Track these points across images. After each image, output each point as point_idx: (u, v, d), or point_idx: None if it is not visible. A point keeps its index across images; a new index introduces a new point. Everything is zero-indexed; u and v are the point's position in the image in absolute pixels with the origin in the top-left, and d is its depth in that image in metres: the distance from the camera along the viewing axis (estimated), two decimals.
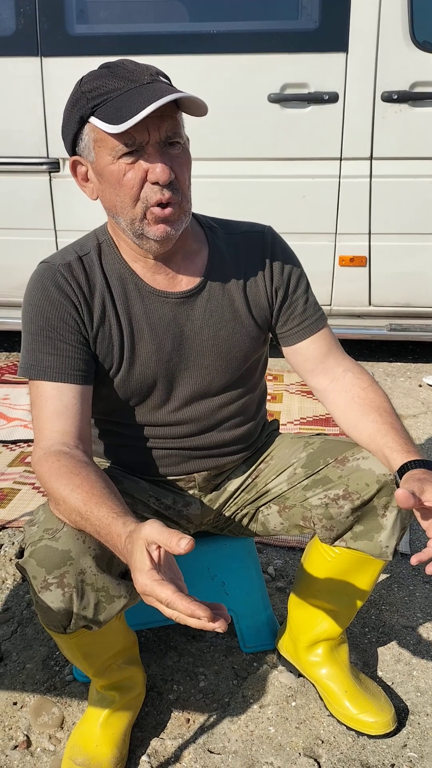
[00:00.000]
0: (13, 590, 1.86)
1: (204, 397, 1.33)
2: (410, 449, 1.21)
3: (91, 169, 1.19)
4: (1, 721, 1.48)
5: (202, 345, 1.29)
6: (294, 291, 1.34)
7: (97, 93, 1.11)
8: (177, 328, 1.28)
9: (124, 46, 2.99)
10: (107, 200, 1.19)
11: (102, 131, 1.11)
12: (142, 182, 1.14)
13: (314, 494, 1.34)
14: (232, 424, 1.38)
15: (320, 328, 1.35)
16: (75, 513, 1.07)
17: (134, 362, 1.27)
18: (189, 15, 3.06)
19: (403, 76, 2.92)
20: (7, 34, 3.05)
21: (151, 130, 1.11)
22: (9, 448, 2.68)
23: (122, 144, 1.11)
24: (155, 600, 0.89)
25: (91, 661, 1.33)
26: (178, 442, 1.35)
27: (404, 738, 1.44)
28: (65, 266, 1.23)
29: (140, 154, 1.12)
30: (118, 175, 1.14)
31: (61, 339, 1.21)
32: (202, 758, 1.39)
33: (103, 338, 1.25)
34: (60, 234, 3.31)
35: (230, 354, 1.32)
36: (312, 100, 2.99)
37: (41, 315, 1.21)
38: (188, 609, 0.85)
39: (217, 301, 1.29)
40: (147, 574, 0.89)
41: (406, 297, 3.26)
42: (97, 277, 1.24)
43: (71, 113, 1.16)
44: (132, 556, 0.93)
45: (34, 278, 1.24)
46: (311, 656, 1.51)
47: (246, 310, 1.32)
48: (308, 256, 3.32)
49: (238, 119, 3.03)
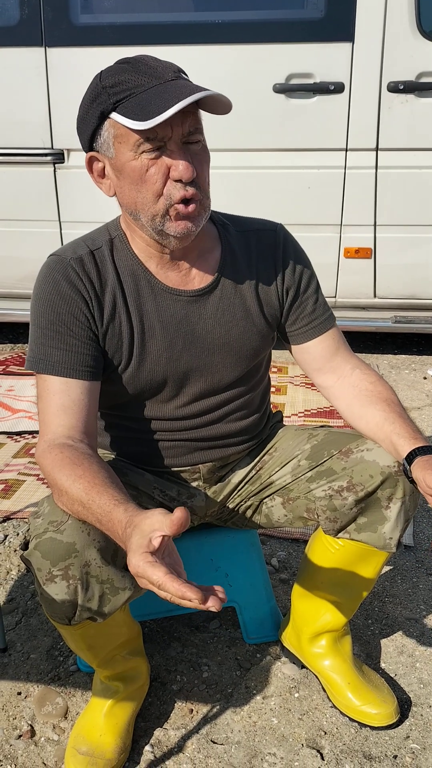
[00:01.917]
0: (18, 581, 1.87)
1: (213, 393, 1.34)
2: (418, 436, 1.22)
3: (109, 165, 1.17)
4: (5, 711, 1.49)
5: (213, 343, 1.29)
6: (304, 291, 1.34)
7: (121, 88, 1.10)
8: (188, 327, 1.27)
9: (128, 36, 2.97)
10: (126, 196, 1.18)
11: (124, 127, 1.10)
12: (165, 178, 1.13)
13: (318, 486, 1.34)
14: (238, 417, 1.38)
15: (329, 328, 1.36)
16: (77, 503, 1.07)
17: (144, 359, 1.26)
18: (194, 4, 3.04)
19: (409, 67, 2.90)
20: (11, 24, 3.04)
21: (174, 126, 1.10)
22: (14, 439, 2.69)
23: (144, 140, 1.10)
24: (148, 582, 0.89)
25: (95, 652, 1.33)
26: (183, 434, 1.35)
27: (407, 729, 1.44)
28: (77, 260, 1.22)
29: (163, 150, 1.12)
30: (140, 171, 1.13)
31: (70, 334, 1.20)
32: (205, 748, 1.40)
33: (113, 335, 1.24)
34: (64, 225, 3.30)
35: (240, 352, 1.31)
36: (318, 91, 2.97)
37: (51, 309, 1.20)
38: (179, 591, 0.85)
39: (229, 300, 1.29)
40: (141, 555, 0.89)
41: (411, 289, 3.25)
42: (109, 273, 1.24)
43: (90, 108, 1.14)
44: (130, 540, 0.93)
45: (45, 271, 1.23)
46: (314, 648, 1.52)
47: (257, 308, 1.31)
48: (313, 248, 3.30)
49: (243, 109, 3.01)
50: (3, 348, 3.73)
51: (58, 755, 1.39)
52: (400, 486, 1.27)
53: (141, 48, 2.99)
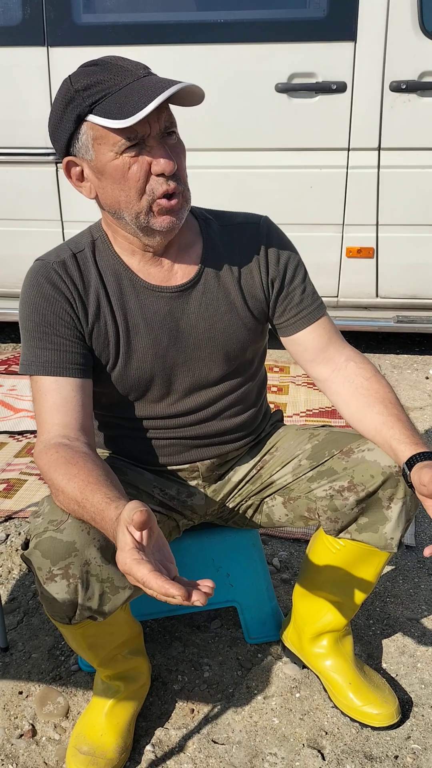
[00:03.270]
0: (20, 580, 1.87)
1: (203, 387, 1.34)
2: (417, 441, 1.21)
3: (88, 167, 1.18)
4: (6, 710, 1.49)
5: (198, 338, 1.29)
6: (291, 281, 1.33)
7: (95, 90, 1.10)
8: (173, 323, 1.28)
9: (130, 35, 2.97)
10: (108, 197, 1.18)
11: (102, 128, 1.11)
12: (147, 175, 1.14)
13: (319, 486, 1.33)
14: (233, 413, 1.38)
15: (319, 317, 1.35)
16: (73, 502, 1.08)
17: (131, 357, 1.27)
18: (196, 4, 3.04)
19: (411, 66, 2.89)
20: (14, 24, 3.04)
21: (151, 122, 1.11)
22: (16, 439, 2.69)
23: (124, 138, 1.11)
24: (134, 579, 0.89)
25: (96, 652, 1.33)
26: (179, 431, 1.35)
27: (408, 730, 1.44)
28: (59, 263, 1.23)
29: (142, 147, 1.12)
30: (122, 169, 1.13)
31: (57, 334, 1.21)
32: (206, 748, 1.40)
33: (99, 334, 1.25)
34: (66, 225, 3.30)
35: (227, 346, 1.31)
36: (320, 90, 2.96)
37: (36, 311, 1.22)
38: (162, 588, 0.85)
39: (212, 294, 1.29)
40: (128, 552, 0.90)
41: (413, 289, 3.25)
42: (92, 274, 1.25)
43: (65, 113, 1.14)
44: (117, 537, 0.94)
45: (29, 276, 1.24)
46: (316, 648, 1.52)
47: (242, 301, 1.31)
48: (315, 247, 3.32)
49: (245, 109, 3.01)
50: (5, 347, 3.74)
51: (59, 755, 1.39)
52: (401, 486, 1.27)
53: (143, 47, 3.00)
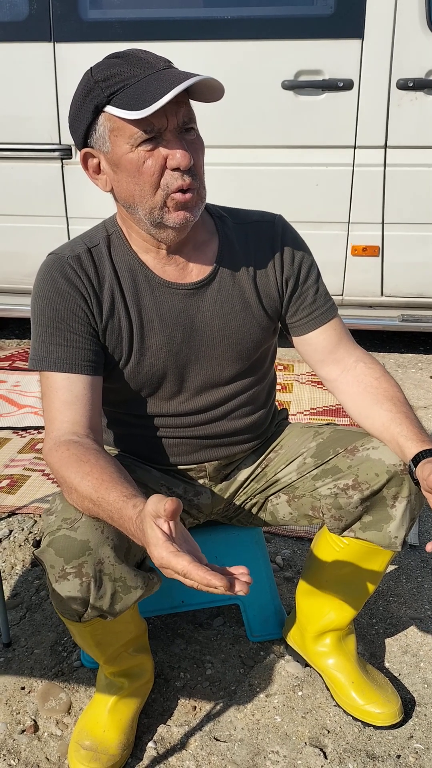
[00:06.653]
0: (23, 576, 1.87)
1: (215, 386, 1.33)
2: (425, 438, 1.21)
3: (105, 159, 1.17)
4: (9, 705, 1.49)
5: (212, 336, 1.29)
6: (304, 281, 1.33)
7: (114, 81, 1.10)
8: (187, 320, 1.27)
9: (137, 31, 2.97)
10: (123, 190, 1.18)
11: (119, 119, 1.10)
12: (162, 169, 1.13)
13: (323, 484, 1.33)
14: (243, 413, 1.38)
15: (330, 318, 1.34)
16: (87, 500, 1.07)
17: (144, 354, 1.26)
18: (203, 0, 3.03)
19: (419, 64, 2.88)
20: (20, 19, 3.03)
21: (169, 116, 1.10)
22: (19, 434, 2.69)
23: (141, 131, 1.10)
24: (173, 572, 0.89)
25: (102, 649, 1.33)
26: (189, 431, 1.35)
27: (410, 729, 1.44)
28: (74, 258, 1.22)
29: (159, 141, 1.12)
30: (137, 163, 1.13)
31: (70, 330, 1.21)
32: (208, 746, 1.40)
33: (113, 330, 1.24)
34: (72, 221, 3.30)
35: (240, 344, 1.31)
36: (326, 87, 2.95)
37: (50, 306, 1.21)
38: (204, 578, 0.86)
39: (227, 292, 1.29)
40: (162, 546, 0.89)
41: (418, 287, 3.24)
42: (107, 269, 1.24)
43: (83, 104, 1.14)
44: (145, 535, 0.93)
45: (43, 270, 1.23)
46: (318, 646, 1.51)
47: (256, 300, 1.31)
48: (320, 246, 3.30)
49: (251, 106, 3.00)
50: (9, 343, 3.74)
51: (61, 750, 1.39)
52: (405, 485, 1.26)
53: (150, 44, 2.99)
